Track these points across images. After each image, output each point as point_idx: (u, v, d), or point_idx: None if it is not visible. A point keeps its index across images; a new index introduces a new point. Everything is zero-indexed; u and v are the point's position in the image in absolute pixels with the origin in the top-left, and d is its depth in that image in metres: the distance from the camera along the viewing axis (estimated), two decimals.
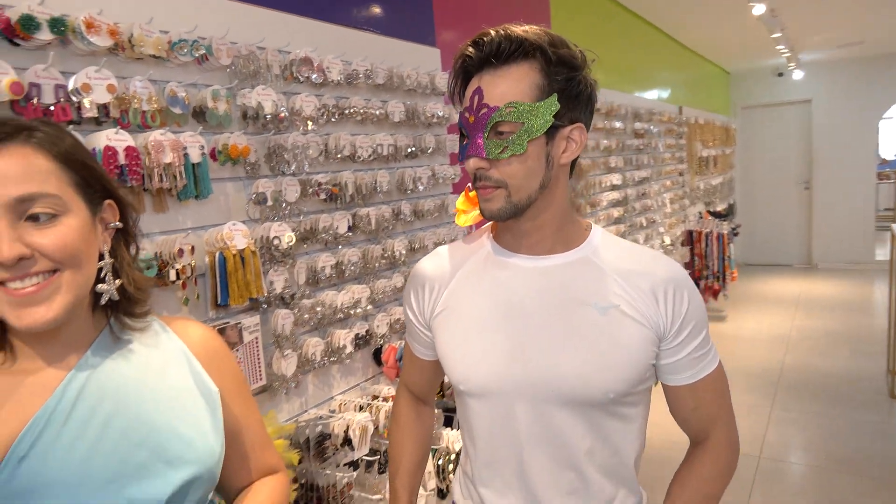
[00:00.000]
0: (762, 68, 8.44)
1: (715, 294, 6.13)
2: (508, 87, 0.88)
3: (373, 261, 1.96)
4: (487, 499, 1.01)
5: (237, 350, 1.50)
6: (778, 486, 3.05)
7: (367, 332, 1.94)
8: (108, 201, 0.81)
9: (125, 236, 0.84)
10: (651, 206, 4.78)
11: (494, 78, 0.89)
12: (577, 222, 1.01)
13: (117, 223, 0.82)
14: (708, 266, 6.06)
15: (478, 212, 1.08)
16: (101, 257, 0.79)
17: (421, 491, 1.98)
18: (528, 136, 0.88)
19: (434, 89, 2.25)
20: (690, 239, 6.13)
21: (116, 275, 0.81)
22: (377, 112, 1.99)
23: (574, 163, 0.99)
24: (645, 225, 4.61)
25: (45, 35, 1.15)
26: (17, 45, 1.14)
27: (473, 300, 1.00)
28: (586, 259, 0.97)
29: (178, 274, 1.37)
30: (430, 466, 2.02)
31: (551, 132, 0.90)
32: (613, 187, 4.06)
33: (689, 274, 5.97)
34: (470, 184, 1.00)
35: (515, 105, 0.87)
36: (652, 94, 5.29)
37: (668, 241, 5.01)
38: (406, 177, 2.11)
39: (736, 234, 6.80)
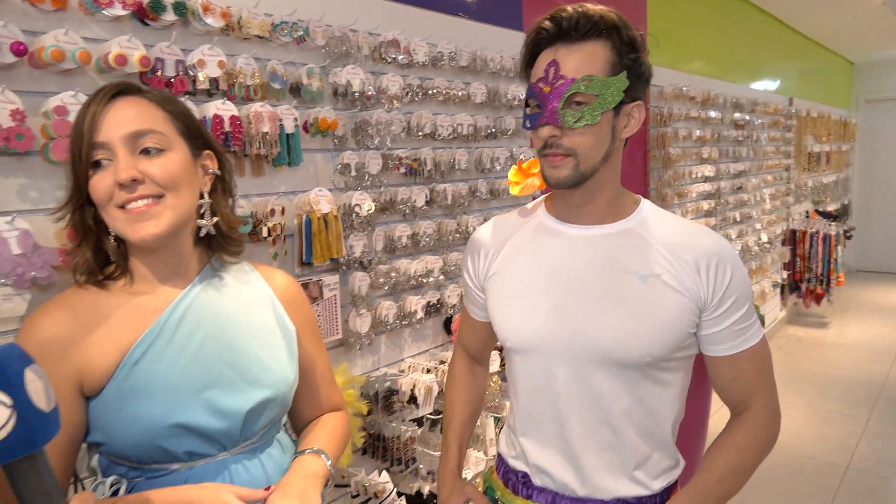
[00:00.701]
0: (893, 59, 7.72)
1: (818, 299, 5.71)
2: (584, 60, 0.94)
3: (447, 234, 2.07)
4: (528, 448, 1.09)
5: (317, 305, 1.66)
6: (863, 499, 2.89)
7: (438, 300, 2.05)
8: (207, 151, 0.96)
9: (222, 184, 0.99)
10: (747, 200, 4.56)
11: (570, 52, 0.95)
12: (628, 195, 1.06)
13: (216, 170, 0.97)
14: (811, 268, 5.67)
15: (529, 182, 1.15)
16: (202, 196, 0.95)
17: (482, 456, 2.08)
18: (602, 108, 0.94)
19: (518, 73, 2.31)
20: (793, 239, 5.76)
21: (214, 214, 0.97)
22: (459, 93, 2.09)
23: (626, 140, 1.04)
24: (739, 220, 4.41)
25: (169, 16, 1.33)
26: (147, 24, 1.34)
27: (522, 265, 1.07)
28: (632, 230, 1.02)
29: (269, 231, 1.54)
30: (491, 433, 2.11)
31: (618, 107, 0.96)
32: (706, 179, 3.92)
33: (789, 276, 5.65)
34: (521, 157, 1.07)
35: (592, 78, 0.93)
36: (758, 85, 5.02)
37: (764, 238, 4.75)
38: (484, 156, 2.19)
39: (849, 237, 6.28)
